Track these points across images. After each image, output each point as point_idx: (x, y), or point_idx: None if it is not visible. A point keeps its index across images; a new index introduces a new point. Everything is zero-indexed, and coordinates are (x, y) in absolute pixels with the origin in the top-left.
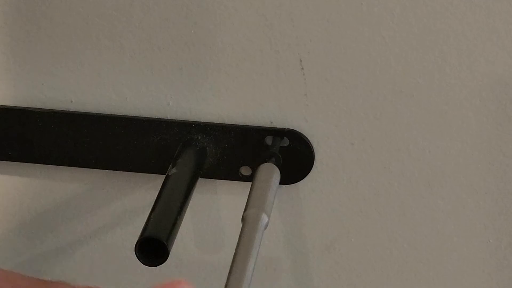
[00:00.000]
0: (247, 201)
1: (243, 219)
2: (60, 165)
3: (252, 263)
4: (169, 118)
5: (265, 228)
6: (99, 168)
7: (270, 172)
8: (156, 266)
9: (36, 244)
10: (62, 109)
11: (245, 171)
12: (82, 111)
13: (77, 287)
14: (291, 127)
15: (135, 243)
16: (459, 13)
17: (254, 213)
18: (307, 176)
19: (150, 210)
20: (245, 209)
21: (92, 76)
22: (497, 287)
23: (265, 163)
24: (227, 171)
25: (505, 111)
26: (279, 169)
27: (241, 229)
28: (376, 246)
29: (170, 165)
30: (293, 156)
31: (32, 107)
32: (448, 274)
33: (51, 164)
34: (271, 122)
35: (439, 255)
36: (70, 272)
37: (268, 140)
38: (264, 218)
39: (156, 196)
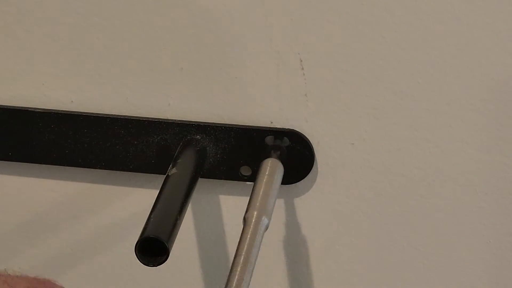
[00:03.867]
0: (249, 201)
1: (244, 220)
2: (60, 165)
3: (252, 265)
4: (169, 118)
5: (266, 229)
6: (99, 168)
7: (273, 170)
8: (156, 266)
9: (36, 244)
10: (62, 109)
11: (245, 171)
12: (82, 111)
13: None
14: (291, 127)
15: (135, 243)
16: (459, 13)
17: (254, 216)
18: (307, 176)
19: (150, 210)
20: (247, 210)
21: (92, 76)
22: (497, 287)
23: (269, 158)
24: (227, 171)
25: (505, 111)
26: (282, 164)
27: (242, 230)
28: (376, 246)
29: (170, 165)
30: (293, 156)
31: (32, 107)
32: (448, 274)
33: (51, 164)
34: (271, 122)
35: (439, 255)
36: (70, 272)
37: (268, 140)
38: (265, 220)
39: (156, 196)
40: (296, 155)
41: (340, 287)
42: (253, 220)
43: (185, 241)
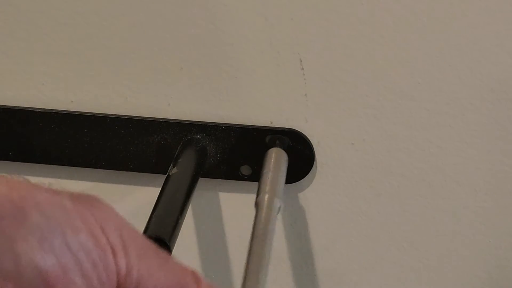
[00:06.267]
0: (259, 186)
1: (256, 205)
2: (60, 165)
3: (269, 248)
4: (169, 118)
5: (278, 212)
6: (99, 168)
7: (279, 157)
8: None
9: None
10: (62, 109)
11: (245, 170)
12: (82, 111)
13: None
14: (291, 127)
15: None
16: (459, 13)
17: (266, 199)
18: (307, 175)
19: (151, 210)
20: (257, 195)
21: (92, 76)
22: (497, 287)
23: (273, 148)
24: (228, 170)
25: (505, 111)
26: (286, 152)
27: (255, 215)
28: (376, 246)
29: (171, 165)
30: (293, 156)
31: (32, 107)
32: (448, 274)
33: (51, 164)
34: (271, 122)
35: (439, 255)
36: None
37: (268, 140)
38: (277, 202)
39: (157, 196)
40: (296, 155)
41: (340, 286)
42: (265, 203)
43: (186, 240)
